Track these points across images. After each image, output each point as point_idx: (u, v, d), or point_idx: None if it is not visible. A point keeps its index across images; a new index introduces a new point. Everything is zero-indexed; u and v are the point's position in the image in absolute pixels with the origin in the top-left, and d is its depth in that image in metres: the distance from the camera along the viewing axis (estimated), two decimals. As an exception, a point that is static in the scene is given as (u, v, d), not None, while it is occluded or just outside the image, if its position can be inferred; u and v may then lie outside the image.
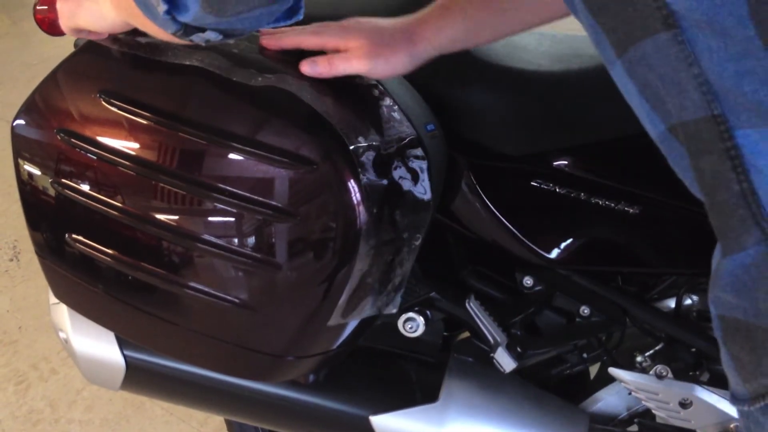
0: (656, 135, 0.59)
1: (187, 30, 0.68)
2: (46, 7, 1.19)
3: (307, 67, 0.80)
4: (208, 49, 0.82)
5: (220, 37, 0.69)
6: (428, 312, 1.05)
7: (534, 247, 0.96)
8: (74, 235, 0.89)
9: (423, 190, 0.88)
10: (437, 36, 0.84)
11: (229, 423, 1.40)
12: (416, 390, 1.04)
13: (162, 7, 0.65)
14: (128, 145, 0.83)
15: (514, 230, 0.96)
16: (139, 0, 0.67)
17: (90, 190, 0.86)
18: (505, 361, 1.00)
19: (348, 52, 0.81)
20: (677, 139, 0.57)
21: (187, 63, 0.81)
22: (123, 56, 0.86)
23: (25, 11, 4.51)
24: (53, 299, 1.05)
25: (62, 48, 1.05)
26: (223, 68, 0.81)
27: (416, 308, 1.04)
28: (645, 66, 0.55)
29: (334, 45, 0.83)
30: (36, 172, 0.89)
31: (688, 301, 1.06)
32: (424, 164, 0.84)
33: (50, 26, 1.21)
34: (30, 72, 3.66)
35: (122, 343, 1.07)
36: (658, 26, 0.52)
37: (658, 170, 0.94)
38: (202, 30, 0.68)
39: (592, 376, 1.19)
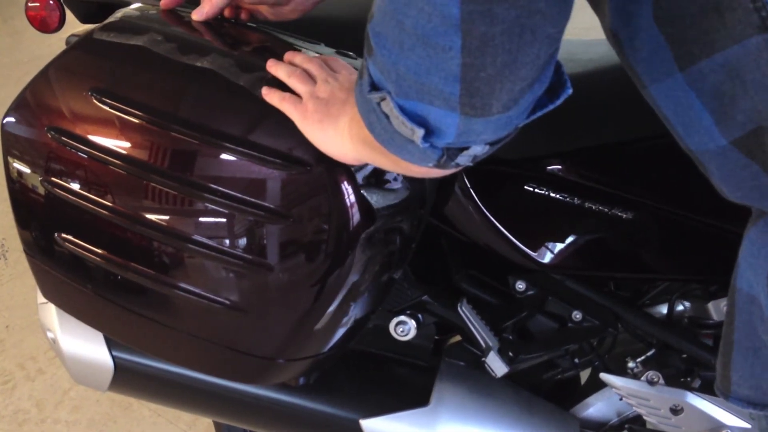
0: (712, 148, 0.59)
1: (450, 153, 0.59)
2: (37, 4, 1.19)
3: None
4: (217, 51, 0.82)
5: (487, 148, 0.60)
6: (420, 315, 1.05)
7: (527, 251, 0.96)
8: (63, 235, 0.88)
9: (416, 192, 0.87)
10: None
11: (217, 425, 1.40)
12: (407, 394, 1.04)
13: (419, 133, 0.57)
14: (119, 144, 0.82)
15: (507, 234, 0.96)
16: (389, 141, 0.61)
17: (80, 189, 0.85)
18: (497, 366, 1.00)
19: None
20: (741, 150, 0.57)
21: (198, 65, 0.81)
22: (115, 54, 0.85)
23: (15, 9, 4.49)
24: (41, 299, 1.04)
25: (53, 46, 1.05)
26: (230, 71, 0.80)
27: (408, 311, 1.04)
28: (724, 75, 0.55)
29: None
30: (25, 170, 0.88)
31: (681, 307, 1.06)
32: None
33: (41, 23, 1.20)
34: (21, 70, 3.65)
35: (111, 344, 1.06)
36: (751, 30, 0.52)
37: (651, 176, 0.95)
38: (466, 147, 0.59)
39: (583, 381, 1.19)
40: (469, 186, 0.95)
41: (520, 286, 1.03)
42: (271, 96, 0.77)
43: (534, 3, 0.48)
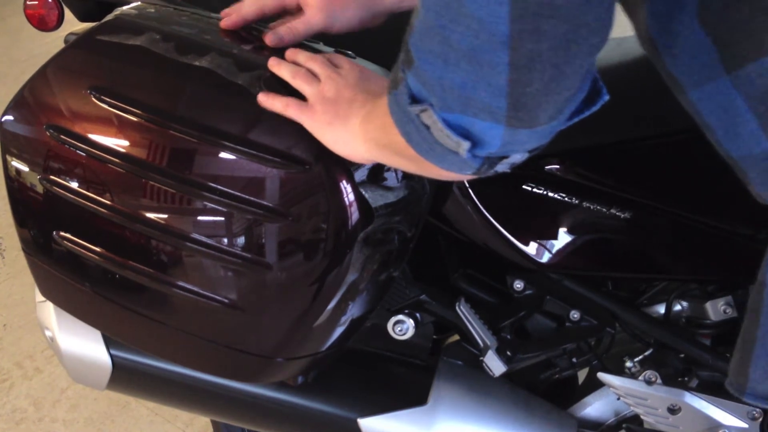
0: (756, 153, 0.58)
1: (491, 162, 0.59)
2: (36, 2, 1.19)
3: (270, 39, 0.77)
4: (215, 50, 0.81)
5: (526, 155, 0.60)
6: (418, 314, 1.05)
7: (525, 250, 0.96)
8: (62, 233, 0.88)
9: (415, 191, 0.87)
10: None
11: (215, 424, 1.40)
12: (405, 393, 1.04)
13: (465, 146, 0.56)
14: (118, 143, 0.82)
15: (505, 234, 0.96)
16: (429, 150, 0.60)
17: (79, 187, 0.85)
18: (495, 365, 1.00)
19: (305, 12, 0.78)
20: None
21: (196, 63, 0.81)
22: (113, 53, 0.85)
23: (13, 7, 4.48)
24: (39, 297, 1.04)
25: (52, 44, 1.05)
26: (229, 70, 0.80)
27: (406, 311, 1.04)
28: None
29: (293, 1, 0.80)
30: (24, 168, 0.88)
31: (678, 307, 1.06)
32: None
33: (40, 22, 1.20)
34: (19, 68, 3.64)
35: (109, 343, 1.06)
36: None
37: (650, 176, 0.95)
38: (506, 155, 0.59)
39: (580, 380, 1.19)
40: (467, 185, 0.95)
41: (518, 285, 1.03)
42: (272, 103, 0.76)
43: (582, 17, 0.48)
